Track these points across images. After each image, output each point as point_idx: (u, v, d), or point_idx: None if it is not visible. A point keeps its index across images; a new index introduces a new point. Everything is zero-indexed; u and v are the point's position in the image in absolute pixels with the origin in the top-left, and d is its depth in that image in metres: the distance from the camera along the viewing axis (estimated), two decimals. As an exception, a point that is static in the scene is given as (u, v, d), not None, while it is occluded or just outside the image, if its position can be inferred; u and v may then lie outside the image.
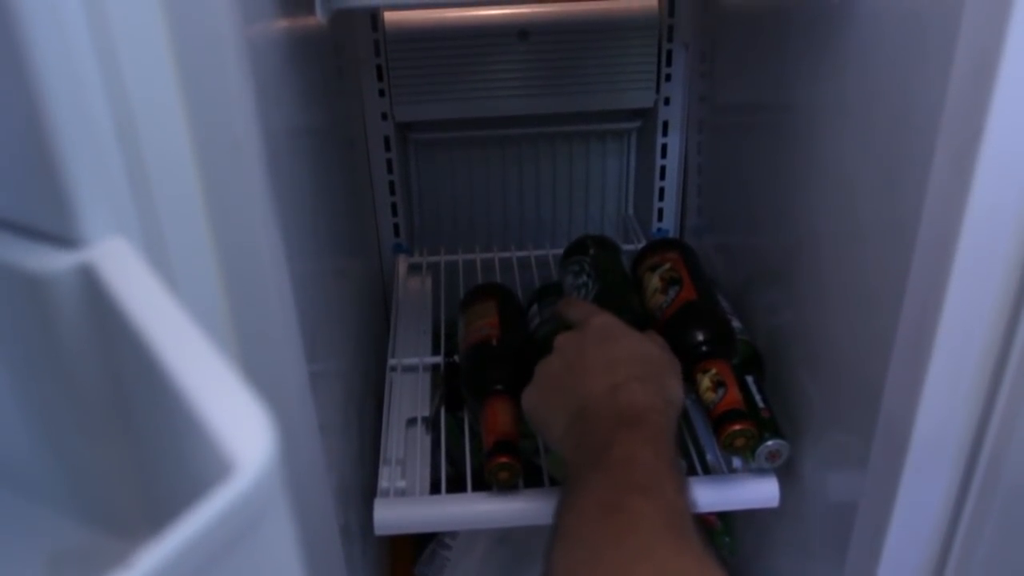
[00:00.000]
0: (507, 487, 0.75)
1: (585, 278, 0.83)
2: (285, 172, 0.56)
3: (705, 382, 0.73)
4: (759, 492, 0.76)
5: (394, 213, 1.18)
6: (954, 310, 0.52)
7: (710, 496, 0.76)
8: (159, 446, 0.25)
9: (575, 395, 0.65)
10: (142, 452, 0.27)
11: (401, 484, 0.79)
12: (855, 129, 0.63)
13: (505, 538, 1.00)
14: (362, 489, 0.81)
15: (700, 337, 0.76)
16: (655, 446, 0.57)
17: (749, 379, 0.78)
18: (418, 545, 1.07)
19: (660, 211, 1.22)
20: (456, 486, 0.78)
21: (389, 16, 1.06)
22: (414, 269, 1.14)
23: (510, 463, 0.73)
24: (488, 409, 0.78)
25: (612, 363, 0.66)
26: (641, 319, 0.78)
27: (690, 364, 0.75)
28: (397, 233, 1.19)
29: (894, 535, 0.61)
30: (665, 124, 1.18)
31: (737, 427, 0.70)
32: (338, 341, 0.82)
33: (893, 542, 0.62)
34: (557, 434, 0.65)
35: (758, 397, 0.77)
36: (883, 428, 0.61)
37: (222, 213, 0.41)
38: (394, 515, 0.75)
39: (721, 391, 0.72)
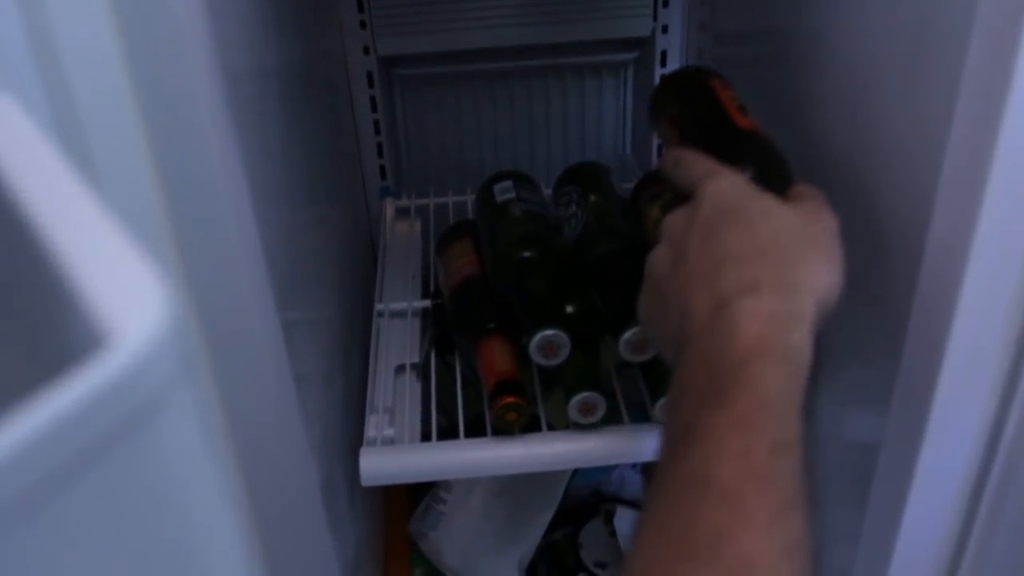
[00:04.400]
0: (515, 428, 0.70)
1: (575, 208, 0.77)
2: (249, 109, 0.51)
3: None
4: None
5: (380, 154, 1.12)
6: (991, 223, 0.46)
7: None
8: (23, 323, 0.20)
9: (678, 313, 0.49)
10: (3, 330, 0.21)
11: (389, 433, 0.74)
12: (877, 51, 0.58)
13: (503, 491, 0.96)
14: (349, 440, 0.77)
15: None
16: (746, 432, 0.42)
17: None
18: (412, 501, 1.02)
19: (660, 148, 1.16)
20: (449, 437, 0.73)
21: (368, -59, 1.00)
22: (402, 213, 1.08)
23: (517, 402, 0.68)
24: (484, 350, 0.73)
25: (719, 262, 0.48)
26: (637, 247, 0.72)
27: None
28: (383, 175, 1.14)
29: (922, 476, 0.56)
30: (663, 55, 1.12)
31: None
32: (319, 288, 0.78)
33: (922, 484, 0.57)
34: (671, 361, 0.50)
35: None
36: (908, 361, 0.55)
37: (171, 153, 0.36)
38: (381, 464, 0.70)
39: None
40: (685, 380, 0.46)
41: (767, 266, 0.48)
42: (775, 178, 0.59)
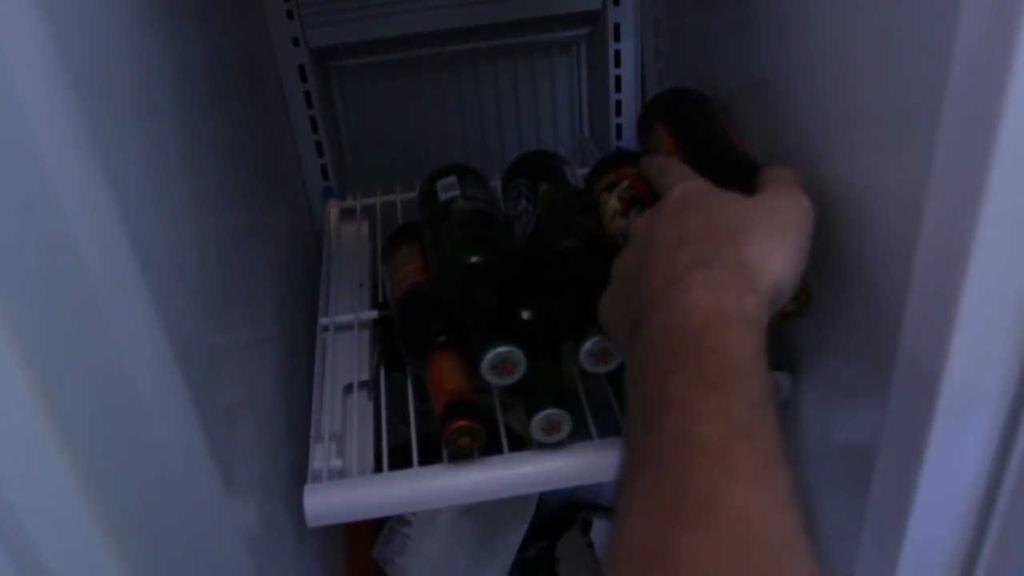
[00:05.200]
0: (471, 453, 0.63)
1: (525, 203, 0.70)
2: (124, 119, 0.44)
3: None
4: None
5: (320, 153, 1.05)
6: (1000, 191, 0.40)
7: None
8: None
9: (633, 297, 0.49)
10: None
11: (337, 464, 0.67)
12: (852, 13, 0.51)
13: (472, 507, 0.89)
14: (296, 472, 0.70)
15: None
16: (721, 392, 0.41)
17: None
18: (377, 524, 0.95)
19: (619, 128, 1.10)
20: (404, 462, 0.66)
21: (289, -78, 0.92)
22: (347, 214, 1.00)
23: (470, 426, 0.61)
24: (433, 366, 0.66)
25: (676, 244, 0.49)
26: (593, 243, 0.65)
27: None
28: (325, 175, 1.06)
29: (929, 478, 0.50)
30: (616, 28, 1.05)
31: None
32: (252, 304, 0.70)
33: (928, 486, 0.51)
34: (621, 349, 0.51)
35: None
36: (906, 353, 0.49)
37: None
38: (328, 502, 0.63)
39: None
40: (645, 357, 0.45)
41: (721, 245, 0.48)
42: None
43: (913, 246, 0.46)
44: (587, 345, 0.59)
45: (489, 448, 0.65)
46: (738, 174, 0.58)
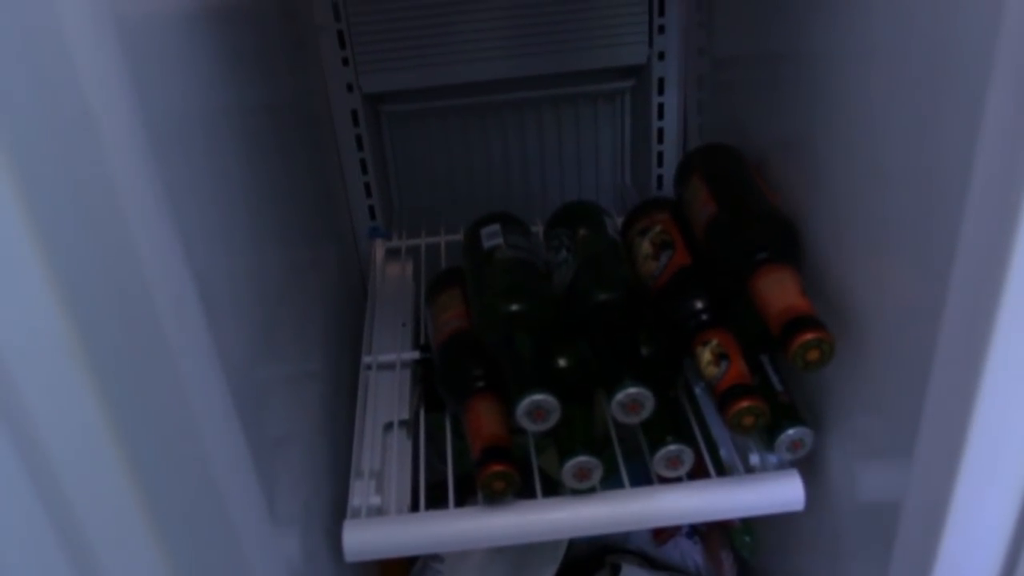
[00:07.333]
0: (505, 497, 0.65)
1: (565, 253, 0.72)
2: (198, 158, 0.48)
3: (706, 355, 0.63)
4: (781, 495, 0.66)
5: (368, 194, 1.08)
6: None
7: (726, 502, 0.66)
8: None
9: None
10: None
11: (375, 501, 0.69)
12: (885, 74, 0.53)
13: (502, 549, 0.91)
14: (336, 506, 0.72)
15: (698, 305, 0.66)
16: None
17: (764, 359, 0.68)
18: (411, 558, 0.97)
19: (660, 178, 1.12)
20: (441, 500, 0.68)
21: (349, -25, 0.96)
22: (392, 254, 1.03)
23: (505, 471, 0.63)
24: (471, 411, 0.68)
25: None
26: (631, 296, 0.68)
27: (689, 337, 0.66)
28: (373, 216, 1.09)
29: (953, 536, 0.51)
30: (661, 82, 1.08)
31: (744, 404, 0.61)
32: (301, 341, 0.73)
33: (952, 544, 0.52)
34: None
35: (775, 378, 0.67)
36: (932, 410, 0.50)
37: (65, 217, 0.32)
38: (366, 539, 0.66)
39: (724, 364, 0.63)
40: None
41: None
42: (789, 246, 0.64)
43: (942, 307, 0.47)
44: (618, 396, 0.61)
45: (524, 487, 0.67)
46: (766, 223, 0.65)
